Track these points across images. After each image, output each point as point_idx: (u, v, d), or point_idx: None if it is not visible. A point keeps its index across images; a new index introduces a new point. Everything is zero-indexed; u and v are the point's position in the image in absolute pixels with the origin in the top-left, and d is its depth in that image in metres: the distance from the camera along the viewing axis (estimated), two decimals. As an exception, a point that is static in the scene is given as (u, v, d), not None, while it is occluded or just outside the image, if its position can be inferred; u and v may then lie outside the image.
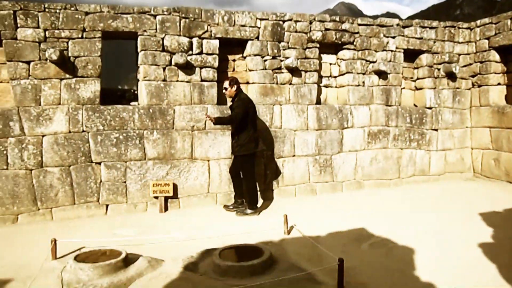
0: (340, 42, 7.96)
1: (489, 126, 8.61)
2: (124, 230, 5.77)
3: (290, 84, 7.61)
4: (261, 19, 7.40)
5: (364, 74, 8.13)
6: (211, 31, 7.06)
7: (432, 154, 8.78)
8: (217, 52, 7.10)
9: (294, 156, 7.63)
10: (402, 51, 8.44)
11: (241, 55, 7.60)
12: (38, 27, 6.19)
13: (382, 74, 8.23)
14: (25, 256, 4.75)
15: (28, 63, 6.18)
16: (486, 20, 8.71)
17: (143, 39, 6.70)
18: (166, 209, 6.76)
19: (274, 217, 6.17)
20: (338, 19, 7.98)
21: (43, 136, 6.26)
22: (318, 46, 7.79)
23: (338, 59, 8.28)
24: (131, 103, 7.04)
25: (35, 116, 6.21)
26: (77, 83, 6.41)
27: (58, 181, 6.32)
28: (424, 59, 8.70)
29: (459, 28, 8.97)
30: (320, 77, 8.14)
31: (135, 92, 7.47)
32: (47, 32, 6.23)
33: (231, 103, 6.60)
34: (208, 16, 7.07)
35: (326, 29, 7.81)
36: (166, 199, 6.76)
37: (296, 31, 7.61)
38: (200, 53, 7.01)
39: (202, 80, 7.04)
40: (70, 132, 6.38)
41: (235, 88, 6.47)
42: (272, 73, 7.45)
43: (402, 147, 8.49)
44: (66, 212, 6.37)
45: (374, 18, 8.81)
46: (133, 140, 6.65)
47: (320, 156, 7.80)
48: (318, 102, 8.03)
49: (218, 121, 6.44)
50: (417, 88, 8.96)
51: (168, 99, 6.86)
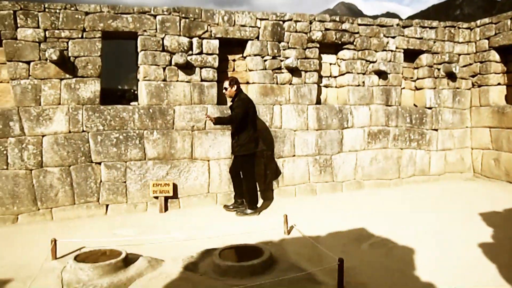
0: (340, 42, 7.97)
1: (489, 126, 8.62)
2: (124, 230, 5.77)
3: (290, 84, 7.61)
4: (261, 19, 7.41)
5: (364, 74, 8.13)
6: (211, 31, 7.06)
7: (432, 154, 8.78)
8: (217, 52, 7.11)
9: (294, 156, 7.63)
10: (402, 51, 8.44)
11: (241, 55, 7.60)
12: (38, 27, 6.20)
13: (382, 74, 8.24)
14: (25, 256, 4.75)
15: (28, 63, 6.18)
16: (486, 20, 8.71)
17: (143, 39, 6.70)
18: (166, 209, 6.76)
19: (274, 217, 6.17)
20: (338, 19, 7.99)
21: (43, 136, 6.26)
22: (318, 46, 7.79)
23: (338, 59, 8.28)
24: (131, 103, 7.05)
25: (35, 116, 6.22)
26: (77, 83, 6.41)
27: (58, 181, 6.32)
28: (424, 59, 8.70)
29: (459, 28, 8.97)
30: (320, 77, 8.14)
31: (135, 92, 7.47)
32: (47, 32, 6.24)
33: (231, 103, 6.61)
34: (208, 16, 7.07)
35: (326, 29, 7.81)
36: (166, 199, 6.76)
37: (296, 31, 7.61)
38: (200, 53, 7.01)
39: (202, 80, 7.04)
40: (70, 132, 6.38)
41: (235, 88, 6.47)
42: (272, 73, 7.45)
43: (402, 147, 8.49)
44: (66, 212, 6.37)
45: (374, 18, 8.81)
46: (133, 140, 6.65)
47: (320, 156, 7.80)
48: (318, 102, 8.04)
49: (218, 121, 6.44)
50: (417, 88, 8.96)
51: (168, 99, 6.86)
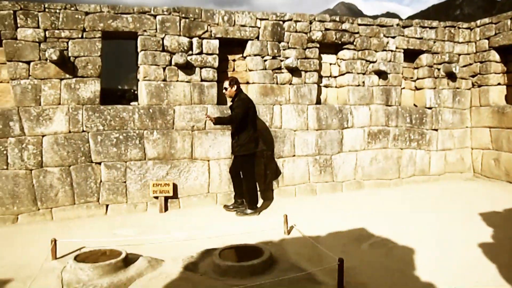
0: (340, 42, 7.96)
1: (489, 126, 8.62)
2: (124, 230, 5.77)
3: (290, 84, 7.61)
4: (261, 19, 7.41)
5: (364, 74, 8.13)
6: (211, 31, 7.06)
7: (432, 154, 8.78)
8: (217, 52, 7.11)
9: (294, 156, 7.63)
10: (402, 51, 8.44)
11: (241, 55, 7.60)
12: (38, 27, 6.20)
13: (382, 74, 8.23)
14: (25, 256, 4.75)
15: (28, 63, 6.18)
16: (486, 20, 8.70)
17: (143, 39, 6.70)
18: (166, 209, 6.76)
19: (274, 217, 6.17)
20: (338, 19, 7.99)
21: (43, 136, 6.26)
22: (318, 46, 7.79)
23: (338, 59, 8.28)
24: (131, 103, 7.04)
25: (35, 116, 6.21)
26: (77, 83, 6.41)
27: (58, 181, 6.32)
28: (424, 59, 8.70)
29: (459, 28, 8.97)
30: (320, 77, 8.14)
31: (135, 92, 7.47)
32: (47, 32, 6.24)
33: (231, 103, 6.61)
34: (208, 16, 7.07)
35: (326, 29, 7.81)
36: (166, 199, 6.76)
37: (296, 31, 7.61)
38: (200, 53, 7.01)
39: (202, 80, 7.04)
40: (70, 132, 6.38)
41: (235, 88, 6.47)
42: (272, 73, 7.45)
43: (402, 147, 8.49)
44: (66, 212, 6.37)
45: (374, 18, 8.81)
46: (133, 140, 6.65)
47: (320, 156, 7.80)
48: (318, 102, 8.04)
49: (218, 121, 6.44)
50: (417, 88, 8.96)
51: (168, 99, 6.86)
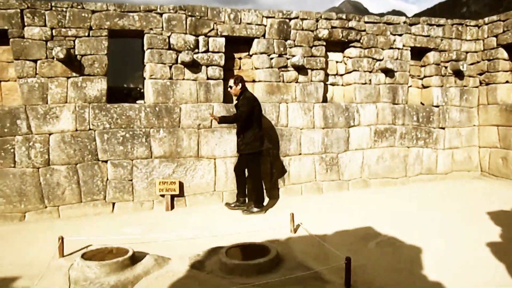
0: (346, 40, 7.93)
1: (496, 125, 8.54)
2: (130, 228, 5.79)
3: (297, 82, 7.58)
4: (267, 17, 7.38)
5: (370, 72, 8.08)
6: (217, 29, 7.05)
7: (439, 152, 8.72)
8: (223, 50, 7.10)
9: (300, 154, 7.61)
10: (409, 49, 8.38)
11: (247, 53, 7.58)
12: (45, 25, 6.21)
13: (389, 72, 8.19)
14: (32, 253, 4.77)
15: (35, 61, 6.20)
16: (494, 17, 8.63)
17: (149, 37, 6.71)
18: (173, 207, 6.77)
19: (280, 215, 6.16)
20: (344, 17, 7.95)
21: (50, 134, 6.29)
22: (325, 44, 7.76)
23: (344, 57, 8.24)
24: (137, 102, 7.05)
25: (42, 114, 6.24)
26: (83, 81, 6.43)
27: (65, 179, 6.34)
28: (431, 57, 8.64)
29: (466, 25, 8.90)
30: (327, 75, 8.11)
31: (141, 91, 7.48)
32: (54, 31, 6.26)
33: (236, 101, 6.60)
34: (214, 14, 7.06)
35: (333, 27, 7.77)
36: (173, 197, 6.77)
37: (302, 29, 7.58)
38: (206, 51, 7.00)
39: (208, 78, 7.03)
40: (76, 130, 6.40)
41: (240, 86, 6.45)
42: (278, 71, 7.43)
43: (409, 146, 8.44)
44: (73, 210, 6.39)
45: (380, 16, 8.76)
46: (139, 139, 6.66)
47: (326, 154, 7.78)
48: (325, 100, 8.01)
49: (222, 120, 6.44)
50: (424, 86, 8.90)
51: (174, 97, 6.86)
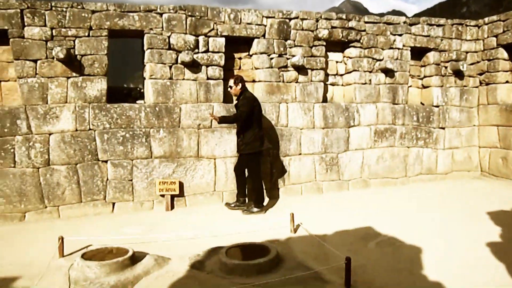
0: (346, 40, 7.93)
1: (496, 125, 8.54)
2: (130, 228, 5.79)
3: (297, 82, 7.58)
4: (267, 17, 7.38)
5: (370, 72, 8.08)
6: (217, 29, 7.05)
7: (439, 152, 8.72)
8: (223, 50, 7.10)
9: (300, 154, 7.61)
10: (409, 49, 8.38)
11: (247, 53, 7.58)
12: (45, 25, 6.21)
13: (389, 72, 8.19)
14: (32, 253, 4.77)
15: (35, 61, 6.20)
16: (494, 17, 8.63)
17: (149, 37, 6.71)
18: (173, 207, 6.77)
19: (280, 215, 6.16)
20: (344, 17, 7.95)
21: (50, 134, 6.29)
22: (325, 44, 7.75)
23: (344, 57, 8.24)
24: (137, 102, 7.05)
25: (42, 114, 6.24)
26: (83, 81, 6.43)
27: (65, 179, 6.34)
28: (431, 57, 8.64)
29: (466, 25, 8.90)
30: (327, 75, 8.11)
31: (141, 91, 7.48)
32: (54, 31, 6.26)
33: (236, 101, 6.60)
34: (214, 14, 7.06)
35: (333, 27, 7.77)
36: (173, 197, 6.77)
37: (302, 29, 7.58)
38: (206, 51, 7.00)
39: (208, 78, 7.03)
40: (76, 130, 6.40)
41: (240, 86, 6.45)
42: (278, 71, 7.43)
43: (409, 146, 8.44)
44: (73, 210, 6.39)
45: (380, 16, 8.76)
46: (139, 139, 6.66)
47: (326, 154, 7.78)
48: (325, 100, 8.01)
49: (222, 120, 6.44)
50: (424, 86, 8.90)
51: (174, 97, 6.86)
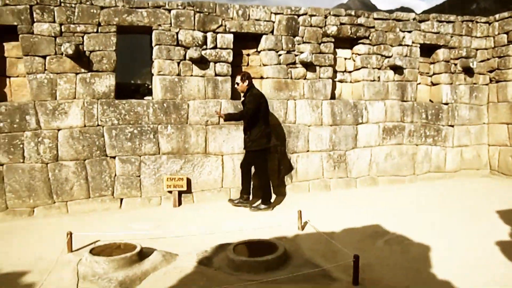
0: (355, 37, 7.87)
1: (506, 122, 8.45)
2: (138, 224, 5.80)
3: (305, 79, 7.55)
4: (275, 13, 7.35)
5: (379, 69, 8.03)
6: (225, 26, 7.03)
7: (448, 150, 8.65)
8: (231, 46, 7.07)
9: (308, 151, 7.58)
10: (418, 45, 8.30)
11: (255, 50, 7.55)
12: (54, 21, 6.23)
13: (397, 69, 8.12)
14: (41, 248, 4.80)
15: (44, 57, 6.22)
16: (505, 14, 8.51)
17: (157, 34, 6.70)
18: (180, 203, 6.78)
19: (288, 212, 6.15)
20: (353, 13, 7.88)
21: (58, 130, 6.31)
22: (333, 40, 7.71)
23: (353, 53, 8.19)
24: (145, 98, 7.07)
25: (51, 110, 6.27)
26: (92, 77, 6.44)
27: (74, 174, 6.37)
28: (441, 54, 8.55)
29: (477, 22, 8.79)
30: (335, 72, 8.06)
31: (149, 87, 7.49)
32: (62, 27, 6.27)
33: (243, 98, 6.58)
34: (222, 10, 7.04)
35: (341, 23, 7.71)
36: (180, 193, 6.78)
37: (311, 26, 7.54)
38: (215, 47, 6.99)
39: (216, 75, 7.02)
40: (85, 126, 6.42)
41: (246, 83, 6.44)
42: (286, 67, 7.40)
43: (417, 143, 8.38)
44: (81, 206, 6.43)
45: (389, 12, 8.69)
46: (147, 135, 6.67)
47: (334, 151, 7.75)
48: (333, 97, 7.96)
49: (228, 117, 6.45)
50: (433, 84, 8.83)
51: (182, 94, 6.86)
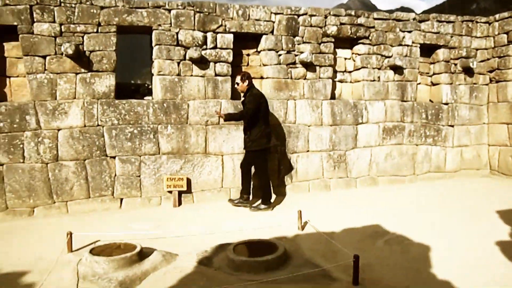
0: (355, 37, 7.87)
1: (506, 123, 8.45)
2: (138, 224, 5.80)
3: (305, 79, 7.55)
4: (275, 13, 7.35)
5: (379, 69, 8.03)
6: (225, 26, 7.03)
7: (448, 150, 8.65)
8: (231, 46, 7.07)
9: (308, 151, 7.58)
10: (418, 45, 8.30)
11: (255, 50, 7.55)
12: (54, 21, 6.23)
13: (397, 69, 8.12)
14: (41, 248, 4.80)
15: (44, 57, 6.22)
16: (505, 14, 8.51)
17: (157, 34, 6.70)
18: (180, 203, 6.78)
19: (288, 212, 6.15)
20: (353, 13, 7.88)
21: (58, 130, 6.31)
22: (333, 40, 7.71)
23: (353, 53, 8.19)
24: (145, 98, 7.07)
25: (51, 110, 6.27)
26: (92, 77, 6.44)
27: (74, 174, 6.37)
28: (441, 54, 8.55)
29: (477, 22, 8.79)
30: (335, 72, 8.06)
31: (149, 87, 7.49)
32: (62, 27, 6.27)
33: (243, 98, 6.58)
34: (222, 10, 7.04)
35: (341, 23, 7.71)
36: (180, 193, 6.78)
37: (311, 26, 7.54)
38: (215, 47, 6.99)
39: (216, 75, 7.02)
40: (85, 126, 6.42)
41: (246, 83, 6.44)
42: (286, 67, 7.40)
43: (417, 143, 8.38)
44: (81, 206, 6.43)
45: (389, 12, 8.69)
46: (147, 135, 6.67)
47: (334, 151, 7.75)
48: (333, 97, 7.96)
49: (228, 117, 6.45)
50: (433, 84, 8.83)
51: (182, 94, 6.86)
